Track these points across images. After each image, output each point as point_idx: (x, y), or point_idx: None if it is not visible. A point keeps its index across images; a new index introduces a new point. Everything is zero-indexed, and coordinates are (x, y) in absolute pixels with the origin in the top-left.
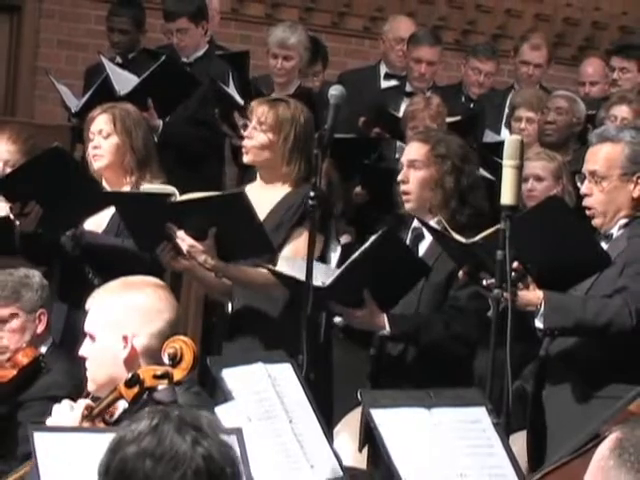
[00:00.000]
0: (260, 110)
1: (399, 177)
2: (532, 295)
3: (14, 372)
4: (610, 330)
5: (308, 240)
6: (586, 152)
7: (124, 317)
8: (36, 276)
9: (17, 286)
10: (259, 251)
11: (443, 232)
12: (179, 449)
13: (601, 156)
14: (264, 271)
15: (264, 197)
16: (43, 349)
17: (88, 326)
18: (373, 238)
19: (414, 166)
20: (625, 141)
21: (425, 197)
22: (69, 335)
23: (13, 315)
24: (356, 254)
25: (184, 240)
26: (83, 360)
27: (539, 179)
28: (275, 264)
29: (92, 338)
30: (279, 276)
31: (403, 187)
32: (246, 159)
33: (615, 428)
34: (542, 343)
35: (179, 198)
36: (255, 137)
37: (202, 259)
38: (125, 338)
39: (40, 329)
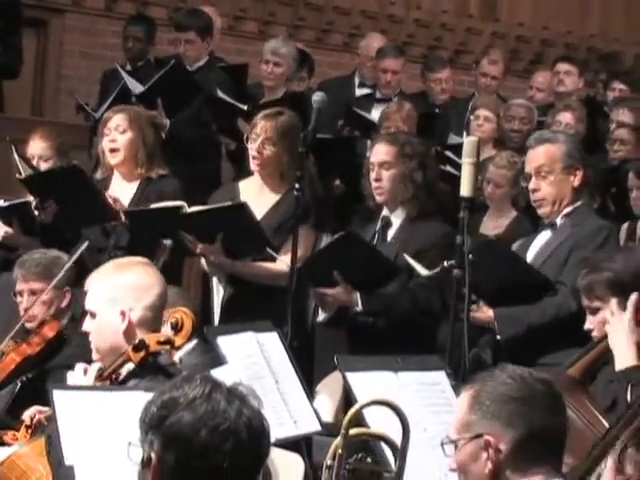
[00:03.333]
0: (267, 126)
1: (373, 176)
2: (484, 316)
3: (42, 345)
4: (558, 321)
5: (293, 227)
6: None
7: (120, 294)
8: (65, 258)
9: (49, 265)
10: (261, 250)
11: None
12: (230, 420)
13: (543, 154)
14: (266, 265)
15: (263, 197)
16: (64, 321)
17: (88, 305)
18: (335, 237)
19: (385, 166)
20: (561, 141)
21: (397, 192)
22: None
23: (44, 289)
24: (320, 248)
25: (196, 244)
26: (87, 334)
27: (498, 186)
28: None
29: (92, 315)
30: None
31: (376, 184)
32: (262, 172)
33: (468, 386)
34: None
35: (189, 210)
36: (264, 152)
37: (212, 259)
38: (123, 313)
39: (64, 304)
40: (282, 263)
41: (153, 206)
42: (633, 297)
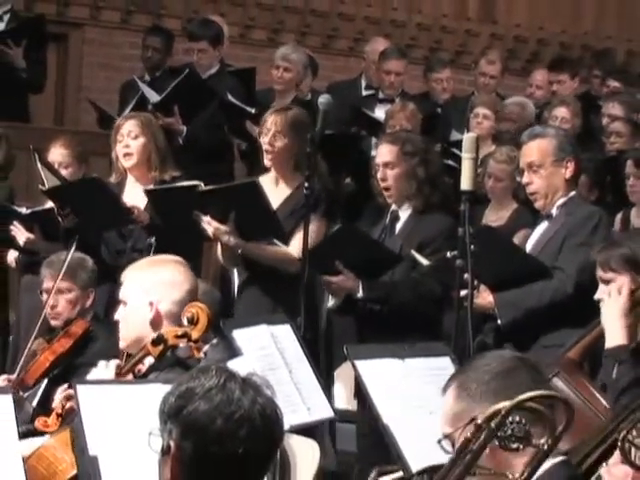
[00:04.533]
0: (277, 119)
1: (379, 176)
2: (485, 302)
3: (72, 343)
4: (554, 304)
5: (304, 223)
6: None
7: (151, 287)
8: (90, 260)
9: (75, 266)
10: (271, 232)
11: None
12: (244, 408)
13: (534, 149)
14: (277, 249)
15: (278, 189)
16: (87, 319)
17: (121, 294)
18: (334, 229)
19: (389, 166)
20: (551, 135)
21: (402, 189)
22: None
23: (70, 289)
24: (322, 240)
25: (210, 224)
26: (117, 323)
27: (499, 180)
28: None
29: (124, 304)
30: None
31: (383, 184)
32: (275, 165)
33: (450, 382)
34: None
35: (204, 188)
36: (276, 145)
37: (225, 239)
38: (151, 304)
39: (88, 304)
40: (293, 249)
41: (171, 185)
42: (627, 283)
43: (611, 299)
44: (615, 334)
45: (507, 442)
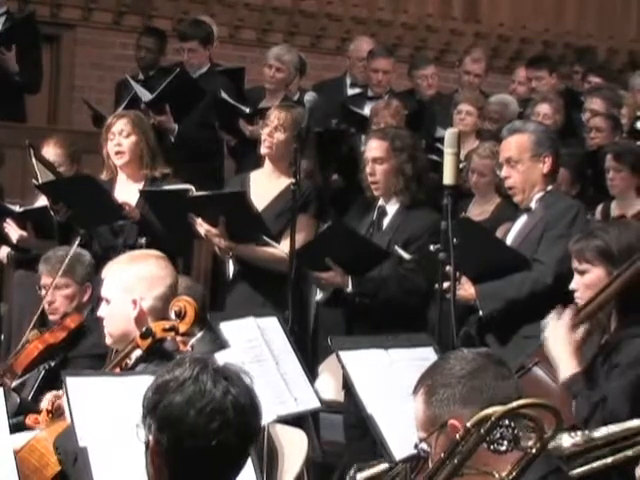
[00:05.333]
0: (279, 115)
1: (367, 171)
2: (467, 294)
3: (64, 335)
4: (534, 295)
5: (292, 217)
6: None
7: (133, 284)
8: (87, 255)
9: (72, 261)
10: (259, 235)
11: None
12: (216, 400)
13: (513, 144)
14: (267, 250)
15: (271, 185)
16: (85, 314)
17: (104, 292)
18: (324, 227)
19: (378, 161)
20: (530, 130)
21: (390, 184)
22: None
23: (67, 284)
24: (313, 237)
25: (202, 226)
26: (101, 319)
27: (482, 175)
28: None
29: (107, 301)
30: None
31: (371, 179)
32: (272, 157)
33: (418, 387)
34: None
35: (195, 193)
36: (275, 136)
37: (216, 241)
38: (134, 302)
39: (85, 298)
40: (283, 248)
41: (165, 187)
42: (567, 309)
43: (551, 327)
44: (566, 364)
45: (496, 445)
